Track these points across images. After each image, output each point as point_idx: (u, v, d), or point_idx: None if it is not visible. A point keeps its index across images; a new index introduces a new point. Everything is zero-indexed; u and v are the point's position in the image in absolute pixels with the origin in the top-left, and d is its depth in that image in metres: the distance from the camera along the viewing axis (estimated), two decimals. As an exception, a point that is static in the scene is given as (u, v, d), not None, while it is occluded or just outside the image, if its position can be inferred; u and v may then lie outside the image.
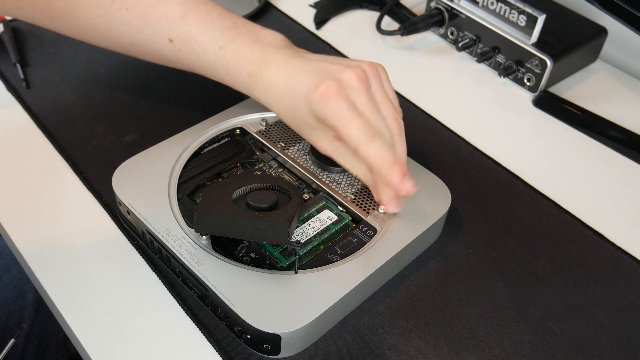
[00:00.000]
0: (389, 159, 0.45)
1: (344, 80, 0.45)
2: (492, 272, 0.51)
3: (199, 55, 0.50)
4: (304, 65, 0.47)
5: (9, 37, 0.68)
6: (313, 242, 0.48)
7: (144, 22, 0.50)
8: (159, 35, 0.50)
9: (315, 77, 0.45)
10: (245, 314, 0.42)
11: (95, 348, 0.44)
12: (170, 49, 0.50)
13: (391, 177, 0.45)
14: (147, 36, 0.50)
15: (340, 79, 0.45)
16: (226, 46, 0.49)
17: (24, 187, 0.54)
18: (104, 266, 0.49)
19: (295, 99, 0.46)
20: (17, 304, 0.69)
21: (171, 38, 0.50)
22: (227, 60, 0.49)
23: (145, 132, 0.60)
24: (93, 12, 0.50)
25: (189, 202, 0.50)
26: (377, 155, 0.45)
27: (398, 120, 0.48)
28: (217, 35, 0.49)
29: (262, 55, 0.48)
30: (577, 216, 0.56)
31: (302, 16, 0.78)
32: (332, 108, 0.45)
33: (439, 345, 0.45)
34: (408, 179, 0.45)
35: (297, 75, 0.46)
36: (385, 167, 0.45)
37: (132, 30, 0.50)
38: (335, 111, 0.45)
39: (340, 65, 0.46)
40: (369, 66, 0.47)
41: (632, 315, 0.49)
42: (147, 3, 0.49)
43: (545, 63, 0.66)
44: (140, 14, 0.50)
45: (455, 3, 0.72)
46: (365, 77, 0.46)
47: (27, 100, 0.63)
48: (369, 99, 0.46)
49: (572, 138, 0.65)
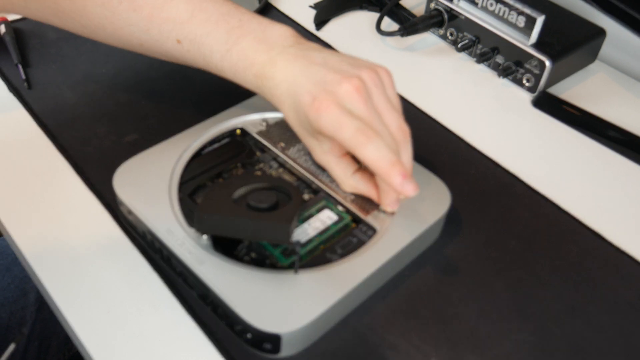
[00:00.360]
0: (389, 159, 0.44)
1: (340, 94, 0.44)
2: (492, 272, 0.51)
3: (207, 58, 0.50)
4: (305, 71, 0.46)
5: (11, 38, 0.68)
6: (313, 242, 0.48)
7: (151, 23, 0.50)
8: (166, 37, 0.50)
9: (313, 87, 0.45)
10: (246, 314, 0.42)
11: (96, 347, 0.44)
12: (178, 50, 0.50)
13: (391, 179, 0.44)
14: (154, 37, 0.50)
15: (337, 92, 0.44)
16: (232, 48, 0.48)
17: (26, 187, 0.55)
18: (105, 266, 0.49)
19: (296, 105, 0.46)
20: (18, 304, 0.69)
21: (179, 39, 0.50)
22: (234, 63, 0.49)
23: (146, 133, 0.60)
24: (100, 12, 0.50)
25: (189, 203, 0.50)
26: (375, 156, 0.44)
27: (403, 127, 0.47)
28: (223, 38, 0.49)
29: (268, 56, 0.48)
30: (577, 216, 0.56)
31: (302, 17, 0.78)
32: (327, 120, 0.44)
33: (439, 345, 0.45)
34: (409, 181, 0.44)
35: (297, 83, 0.46)
36: (384, 168, 0.44)
37: (139, 31, 0.50)
38: (330, 122, 0.44)
39: (339, 74, 0.45)
40: (369, 74, 0.46)
41: (631, 315, 0.49)
42: (154, 3, 0.49)
43: (544, 64, 0.66)
44: (148, 15, 0.49)
45: (455, 4, 0.73)
46: (364, 87, 0.45)
47: (29, 100, 0.63)
48: (368, 109, 0.45)
49: (571, 138, 0.65)
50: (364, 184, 0.49)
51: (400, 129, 0.47)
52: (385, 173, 0.44)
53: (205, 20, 0.49)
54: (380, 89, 0.46)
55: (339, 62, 0.47)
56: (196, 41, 0.49)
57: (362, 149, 0.44)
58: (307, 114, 0.45)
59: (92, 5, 0.50)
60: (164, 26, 0.50)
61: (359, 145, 0.44)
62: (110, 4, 0.49)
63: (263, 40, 0.48)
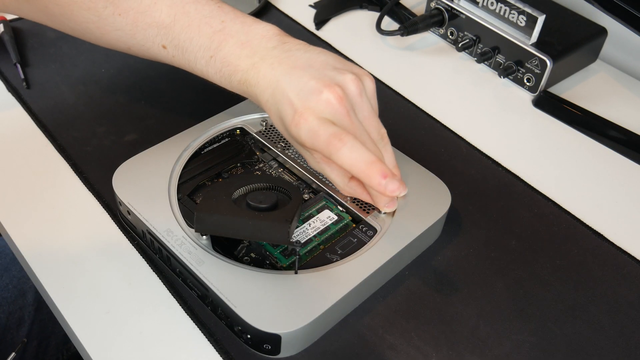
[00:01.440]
0: (364, 158, 0.42)
1: (320, 104, 0.43)
2: (492, 272, 0.51)
3: (191, 64, 0.49)
4: (288, 77, 0.45)
5: (9, 37, 0.68)
6: (313, 242, 0.48)
7: (136, 28, 0.49)
8: (152, 42, 0.50)
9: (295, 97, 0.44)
10: (246, 314, 0.42)
11: (95, 348, 0.44)
12: (164, 55, 0.50)
13: (371, 180, 0.42)
14: (140, 42, 0.50)
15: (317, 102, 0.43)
16: (215, 55, 0.48)
17: (25, 187, 0.54)
18: (104, 266, 0.49)
19: (281, 115, 0.45)
20: (17, 304, 0.69)
21: (164, 45, 0.49)
22: (218, 69, 0.48)
23: (146, 132, 0.60)
24: (86, 16, 0.50)
25: (189, 202, 0.50)
26: (351, 158, 0.42)
27: (381, 131, 0.46)
28: (205, 44, 0.48)
29: (251, 62, 0.46)
30: (577, 216, 0.56)
31: (302, 16, 0.78)
32: (304, 132, 0.43)
33: (439, 345, 0.45)
34: (392, 180, 0.42)
35: (280, 91, 0.44)
36: (362, 168, 0.42)
37: (126, 36, 0.50)
38: (307, 133, 0.43)
39: (322, 82, 0.43)
40: (353, 82, 0.44)
41: (631, 315, 0.49)
42: (138, 8, 0.49)
43: (545, 63, 0.66)
44: (133, 20, 0.49)
45: (455, 3, 0.72)
46: (346, 97, 0.44)
47: (28, 100, 0.63)
48: (351, 119, 0.44)
49: (572, 138, 0.65)
50: (360, 189, 0.48)
51: (379, 132, 0.46)
52: (364, 174, 0.42)
53: (187, 26, 0.48)
54: (363, 97, 0.45)
55: (323, 65, 0.45)
56: (180, 47, 0.49)
57: (337, 154, 0.42)
58: (289, 128, 0.44)
59: (79, 10, 0.50)
60: (148, 31, 0.49)
61: (335, 151, 0.42)
62: (96, 8, 0.49)
63: (246, 44, 0.47)
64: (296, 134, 0.44)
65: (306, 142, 0.43)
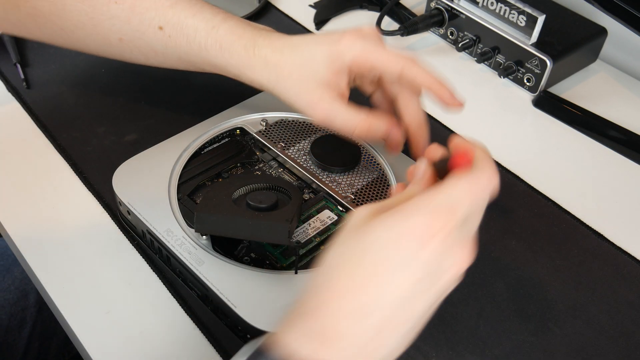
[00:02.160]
0: (433, 74, 0.48)
1: (364, 31, 0.47)
2: (492, 272, 0.51)
3: (190, 39, 0.50)
4: (310, 35, 0.49)
5: (10, 37, 0.68)
6: (313, 242, 0.48)
7: (133, 12, 0.50)
8: (148, 25, 0.50)
9: (333, 33, 0.47)
10: (246, 314, 0.42)
11: (95, 348, 0.44)
12: (159, 38, 0.51)
13: (442, 89, 0.48)
14: (135, 27, 0.51)
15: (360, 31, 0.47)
16: (219, 26, 0.49)
17: (25, 187, 0.55)
18: (105, 266, 0.49)
19: (309, 53, 0.47)
20: (19, 305, 0.69)
21: (161, 25, 0.50)
22: (221, 38, 0.49)
23: (146, 132, 0.60)
24: (80, 8, 0.50)
25: (189, 202, 0.50)
26: (424, 71, 0.47)
27: None
28: (209, 17, 0.50)
29: (257, 31, 0.49)
30: (577, 216, 0.56)
31: (302, 16, 0.78)
32: (362, 46, 0.46)
33: (439, 345, 0.45)
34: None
35: (309, 37, 0.48)
36: (434, 80, 0.48)
37: (120, 22, 0.51)
38: (368, 47, 0.46)
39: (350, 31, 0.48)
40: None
41: (631, 315, 0.49)
42: None
43: (545, 63, 0.66)
44: (129, 6, 0.50)
45: (455, 3, 0.72)
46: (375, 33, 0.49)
47: (28, 100, 0.63)
48: None
49: (572, 138, 0.65)
50: (376, 119, 0.48)
51: None
52: (437, 84, 0.48)
53: (189, 6, 0.50)
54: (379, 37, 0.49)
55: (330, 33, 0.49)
56: (180, 24, 0.50)
57: (411, 67, 0.47)
58: (339, 49, 0.46)
59: (72, 3, 0.50)
60: (145, 15, 0.50)
61: (407, 65, 0.47)
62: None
63: (249, 24, 0.50)
64: (347, 50, 0.47)
65: (360, 58, 0.47)
